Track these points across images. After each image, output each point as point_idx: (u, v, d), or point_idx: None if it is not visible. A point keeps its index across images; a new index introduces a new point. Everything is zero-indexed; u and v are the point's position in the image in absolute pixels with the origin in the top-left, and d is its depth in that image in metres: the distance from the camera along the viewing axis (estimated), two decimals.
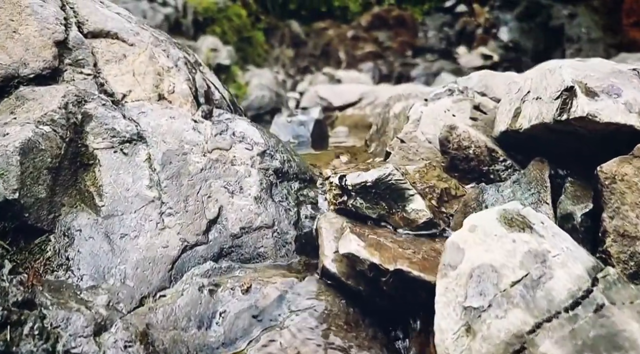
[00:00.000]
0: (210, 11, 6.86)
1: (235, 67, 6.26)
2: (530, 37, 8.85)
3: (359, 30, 8.36)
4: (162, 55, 1.42)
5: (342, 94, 6.07)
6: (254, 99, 6.04)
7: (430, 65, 8.00)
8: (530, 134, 1.24)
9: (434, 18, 9.14)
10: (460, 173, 1.40)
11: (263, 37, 7.93)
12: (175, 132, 1.27)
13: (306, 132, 2.18)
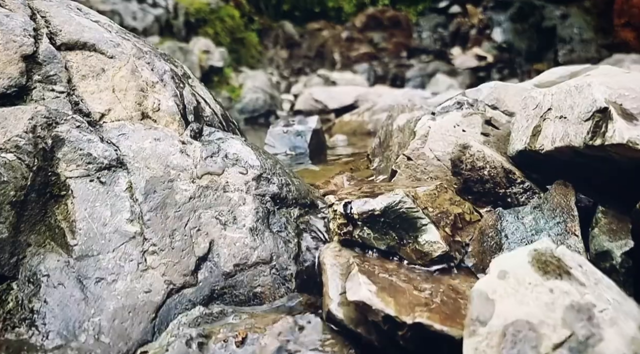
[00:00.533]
0: (203, 12, 6.69)
1: (229, 69, 6.10)
2: (523, 38, 8.76)
3: (354, 31, 8.22)
4: (146, 69, 1.27)
5: (338, 97, 5.93)
6: (247, 102, 5.89)
7: (425, 66, 7.88)
8: (552, 155, 1.11)
9: (428, 19, 9.02)
10: (474, 196, 1.27)
11: (257, 38, 7.77)
12: (161, 157, 1.12)
13: (303, 143, 2.03)
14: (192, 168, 1.13)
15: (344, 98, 5.83)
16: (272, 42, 7.98)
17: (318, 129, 2.10)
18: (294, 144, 2.01)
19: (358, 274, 0.95)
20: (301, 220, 1.20)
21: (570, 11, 8.74)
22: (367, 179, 1.60)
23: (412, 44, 8.42)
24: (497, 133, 1.43)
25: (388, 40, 8.20)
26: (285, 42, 8.04)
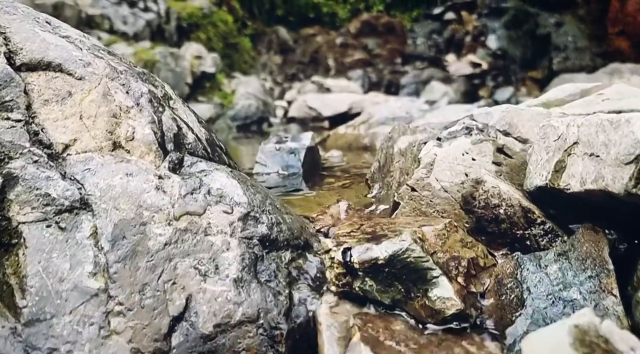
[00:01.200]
0: (195, 17, 6.53)
1: (221, 75, 5.94)
2: (517, 45, 8.69)
3: (348, 37, 8.09)
4: (120, 91, 1.11)
5: (332, 104, 5.79)
6: (240, 109, 5.73)
7: (420, 73, 7.77)
8: (581, 197, 0.97)
9: (422, 25, 8.92)
10: (488, 236, 1.13)
11: (250, 44, 7.61)
12: (133, 195, 0.96)
13: (297, 161, 1.87)
14: (168, 208, 0.98)
15: (338, 105, 5.69)
16: (266, 48, 7.82)
17: (312, 146, 1.95)
18: (286, 162, 1.85)
19: (360, 344, 0.80)
20: (294, 265, 1.05)
21: (565, 19, 8.69)
22: (366, 210, 1.45)
23: (406, 51, 8.31)
24: (510, 162, 1.29)
25: (382, 46, 8.08)
26: (279, 48, 7.89)
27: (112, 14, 5.46)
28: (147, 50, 5.32)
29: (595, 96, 1.87)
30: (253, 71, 7.43)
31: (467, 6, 9.09)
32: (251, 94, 5.98)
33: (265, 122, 5.86)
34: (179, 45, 6.18)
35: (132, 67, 1.25)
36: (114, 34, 5.34)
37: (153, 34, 5.88)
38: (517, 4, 9.08)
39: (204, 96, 5.69)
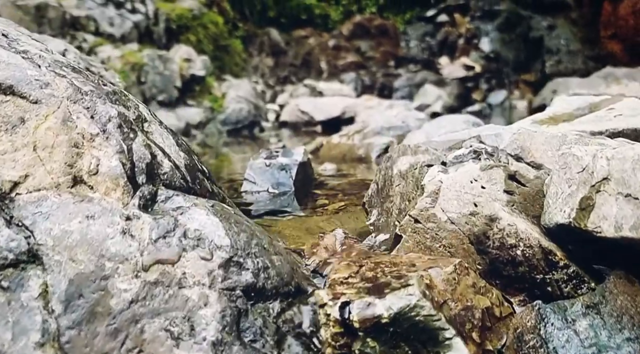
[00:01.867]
0: (185, 18, 6.34)
1: (211, 78, 5.77)
2: (510, 48, 8.61)
3: (341, 39, 7.95)
4: (84, 116, 0.96)
5: (324, 108, 5.64)
6: (231, 113, 5.57)
7: (413, 76, 7.66)
8: (615, 242, 0.84)
9: (415, 27, 8.81)
10: (503, 280, 0.99)
11: (241, 46, 7.44)
12: (93, 243, 0.81)
13: (288, 179, 1.73)
14: (136, 256, 0.83)
15: (331, 110, 5.55)
16: (257, 50, 7.66)
17: (305, 161, 1.80)
18: (277, 180, 1.71)
19: None
20: (283, 318, 0.90)
21: (557, 22, 8.62)
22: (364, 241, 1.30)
23: (399, 53, 8.19)
24: (523, 191, 1.16)
25: (375, 49, 7.95)
26: (271, 50, 7.73)
27: (98, 15, 5.27)
28: (134, 53, 5.14)
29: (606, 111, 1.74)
30: (244, 74, 7.26)
31: (460, 9, 9.00)
32: (242, 97, 5.82)
33: (257, 126, 5.70)
34: (168, 47, 6.00)
35: (100, 85, 1.10)
36: (100, 36, 5.15)
37: (141, 35, 5.69)
38: (509, 7, 9.00)
39: (193, 100, 5.52)
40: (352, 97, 6.27)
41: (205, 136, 5.13)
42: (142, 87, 5.00)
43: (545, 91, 5.65)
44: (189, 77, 5.58)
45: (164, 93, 5.18)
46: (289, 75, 7.49)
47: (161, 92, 5.15)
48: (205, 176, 1.28)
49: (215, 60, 6.68)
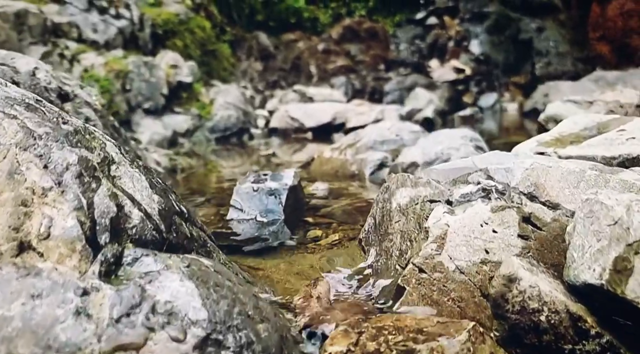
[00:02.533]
0: (171, 23, 6.15)
1: (198, 85, 5.60)
2: (500, 50, 8.54)
3: (330, 42, 7.81)
4: (35, 166, 0.81)
5: (315, 114, 5.50)
6: (219, 120, 5.40)
7: (404, 79, 7.55)
8: None
9: (405, 30, 8.70)
10: (525, 350, 0.86)
11: (229, 50, 7.27)
12: (39, 330, 0.67)
13: (278, 205, 1.58)
14: (92, 343, 0.68)
15: (321, 116, 5.42)
16: (246, 54, 7.49)
17: (295, 185, 1.66)
18: (266, 206, 1.56)
19: None
20: None
21: (546, 24, 8.57)
22: (362, 290, 1.17)
23: (389, 56, 8.07)
24: (540, 236, 1.03)
25: (365, 52, 7.83)
26: (260, 54, 7.56)
27: (81, 21, 5.07)
28: (119, 60, 4.95)
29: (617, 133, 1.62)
30: (233, 79, 7.09)
31: (450, 11, 8.91)
32: (230, 103, 5.66)
33: (246, 133, 5.55)
34: (154, 53, 5.81)
35: (59, 124, 0.94)
36: (83, 43, 4.95)
37: (126, 42, 5.49)
38: (498, 9, 8.93)
39: (180, 107, 5.34)
40: (343, 102, 6.15)
41: (193, 144, 4.96)
42: (127, 95, 4.81)
43: (536, 95, 5.56)
44: (175, 84, 5.40)
45: (150, 101, 5.00)
46: (278, 80, 7.34)
47: (147, 100, 4.97)
48: (184, 218, 1.13)
49: (203, 65, 6.50)
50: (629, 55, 7.70)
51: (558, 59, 8.19)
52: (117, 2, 5.51)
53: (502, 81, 8.26)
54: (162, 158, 2.61)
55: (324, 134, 5.24)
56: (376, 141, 2.38)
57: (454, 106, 7.31)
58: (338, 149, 2.46)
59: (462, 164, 1.17)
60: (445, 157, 1.91)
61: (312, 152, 4.39)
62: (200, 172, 3.78)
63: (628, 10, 7.74)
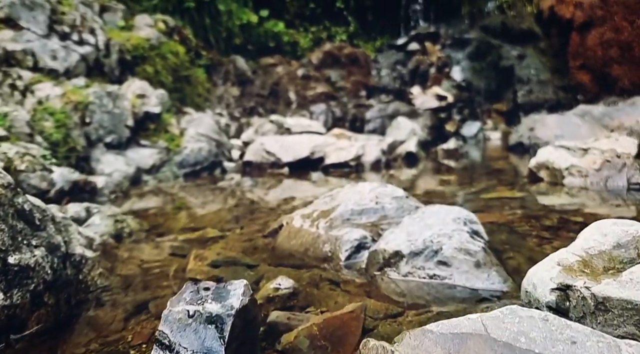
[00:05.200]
0: (141, 49, 5.75)
1: (167, 115, 5.18)
2: (482, 77, 8.36)
3: (310, 68, 7.50)
4: None
5: (292, 147, 5.13)
6: (189, 153, 4.99)
7: (385, 106, 7.26)
8: None
9: (386, 55, 8.47)
10: None
11: (204, 75, 6.88)
12: None
13: (218, 341, 1.14)
14: None
15: (298, 150, 5.05)
16: (222, 79, 7.11)
17: (246, 305, 1.24)
18: (202, 342, 1.12)
19: None
20: None
21: (527, 51, 8.45)
22: None
23: (371, 82, 7.80)
24: None
25: (346, 78, 7.53)
26: (237, 79, 7.19)
27: (39, 48, 4.63)
28: (78, 90, 4.51)
29: None
30: (208, 105, 6.70)
31: (431, 37, 8.73)
32: (203, 134, 5.25)
33: (218, 167, 5.14)
34: (121, 80, 5.39)
35: None
36: (39, 72, 4.51)
37: (89, 69, 5.07)
38: (479, 35, 8.79)
39: (147, 139, 4.92)
40: (322, 133, 5.80)
41: (158, 182, 4.53)
42: (87, 129, 4.37)
43: (522, 128, 5.31)
44: (142, 115, 4.98)
45: (113, 134, 4.56)
46: (255, 106, 6.97)
47: (109, 133, 4.53)
48: None
49: (175, 92, 6.10)
50: (609, 84, 7.58)
51: (539, 86, 8.04)
52: (81, 27, 5.09)
53: (484, 108, 8.06)
54: (106, 227, 2.19)
55: (301, 169, 4.88)
56: (354, 211, 2.01)
57: (437, 135, 7.05)
58: (310, 218, 2.08)
59: (469, 328, 0.80)
60: (435, 246, 1.54)
61: (288, 189, 4.00)
62: (167, 211, 3.33)
63: (607, 40, 7.65)
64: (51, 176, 3.23)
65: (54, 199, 3.16)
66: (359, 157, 4.76)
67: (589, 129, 4.90)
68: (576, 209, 2.33)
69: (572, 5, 7.95)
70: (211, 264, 1.85)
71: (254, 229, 2.40)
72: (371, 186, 2.24)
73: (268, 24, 7.81)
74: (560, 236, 1.93)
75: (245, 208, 3.05)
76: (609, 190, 2.79)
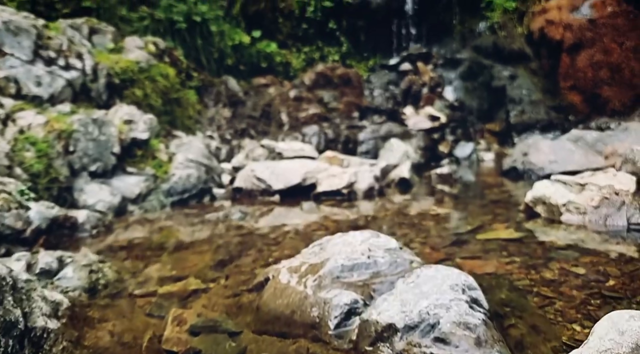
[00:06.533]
0: (130, 72, 5.62)
1: (155, 141, 5.03)
2: (474, 97, 8.32)
3: (302, 89, 7.41)
4: None
5: (283, 174, 4.99)
6: (177, 181, 4.83)
7: (378, 128, 7.17)
8: None
9: (379, 75, 8.41)
10: None
11: (195, 97, 6.76)
12: None
13: None
14: None
15: (289, 176, 4.91)
16: (214, 100, 6.99)
17: None
18: None
19: None
20: None
21: (518, 72, 8.43)
22: None
23: (363, 103, 7.71)
24: None
25: (339, 99, 7.44)
26: (228, 100, 7.08)
27: (22, 74, 4.49)
28: (63, 117, 4.36)
29: None
30: (198, 127, 6.56)
31: (423, 57, 8.70)
32: (192, 160, 5.11)
33: (207, 194, 4.99)
34: (109, 105, 5.25)
35: None
36: (22, 99, 4.36)
37: (76, 94, 4.92)
38: (471, 55, 8.78)
39: (134, 166, 4.76)
40: (315, 156, 5.67)
41: (144, 211, 4.37)
42: (71, 158, 4.21)
43: (515, 152, 5.22)
44: (129, 141, 4.83)
45: (98, 162, 4.41)
46: (247, 128, 6.85)
47: (94, 161, 4.38)
48: None
49: (165, 115, 5.97)
50: (600, 105, 7.56)
51: (532, 107, 8.00)
52: (68, 51, 4.95)
53: (477, 128, 8.00)
54: (79, 280, 2.03)
55: (292, 197, 4.74)
56: (344, 267, 1.87)
57: (430, 157, 6.96)
58: (297, 273, 1.94)
59: None
60: (432, 319, 1.41)
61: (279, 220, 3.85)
62: (154, 240, 3.16)
63: (597, 62, 7.66)
64: (28, 213, 3.06)
65: (30, 239, 2.99)
66: (351, 184, 4.63)
67: (583, 155, 4.81)
68: (576, 258, 2.21)
69: (561, 27, 7.96)
70: (190, 330, 1.70)
71: (239, 279, 2.25)
72: (362, 237, 2.11)
73: (260, 45, 7.73)
74: (563, 295, 1.80)
75: (232, 247, 2.89)
76: (609, 230, 2.67)
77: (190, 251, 2.86)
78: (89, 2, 6.45)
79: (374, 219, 3.41)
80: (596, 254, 2.24)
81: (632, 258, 2.16)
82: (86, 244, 3.23)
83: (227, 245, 2.95)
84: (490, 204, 3.71)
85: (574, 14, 8.03)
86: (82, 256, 2.28)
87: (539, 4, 8.50)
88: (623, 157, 3.60)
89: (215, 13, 7.24)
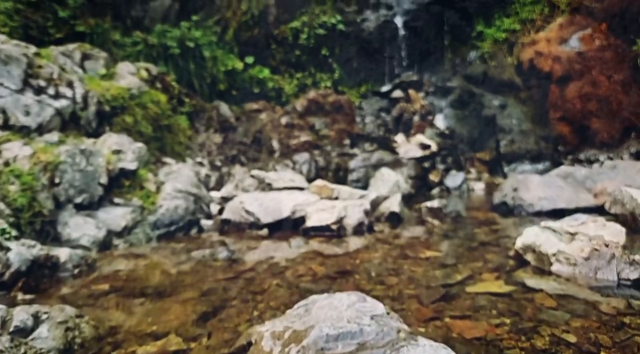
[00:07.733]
0: (121, 99, 5.56)
1: (144, 171, 4.95)
2: (465, 125, 8.37)
3: (294, 115, 7.39)
4: None
5: (272, 206, 4.92)
6: (164, 213, 4.74)
7: (369, 155, 7.16)
8: None
9: (370, 102, 8.43)
10: None
11: (186, 122, 6.71)
12: None
13: None
14: None
15: (279, 209, 4.84)
16: (205, 125, 6.95)
17: None
18: None
19: None
20: None
21: (508, 101, 8.51)
22: None
23: (355, 130, 7.71)
24: None
25: (330, 126, 7.43)
26: (220, 126, 7.03)
27: (10, 104, 4.41)
28: (50, 148, 4.27)
29: None
30: (188, 153, 6.50)
31: (414, 84, 8.76)
32: (180, 191, 5.03)
33: (195, 226, 4.90)
34: (98, 133, 5.18)
35: None
36: (8, 129, 4.27)
37: (64, 123, 4.85)
38: (462, 84, 8.86)
39: (121, 197, 4.67)
40: (305, 187, 5.62)
41: (129, 245, 4.26)
42: (56, 190, 4.12)
43: (506, 187, 5.21)
44: (117, 171, 4.75)
45: (85, 193, 4.31)
46: (237, 155, 6.79)
47: (81, 193, 4.28)
48: None
49: (155, 141, 5.90)
50: (589, 137, 7.63)
51: (521, 136, 8.05)
52: (58, 80, 4.89)
53: (467, 156, 8.02)
54: (54, 340, 1.93)
55: (281, 230, 4.67)
56: (329, 336, 1.80)
57: (420, 186, 6.94)
58: (280, 340, 1.86)
59: None
60: None
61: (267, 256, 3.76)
62: (140, 273, 3.06)
63: (586, 94, 7.75)
64: (7, 255, 2.96)
65: (9, 283, 2.88)
66: (341, 219, 4.57)
67: (572, 192, 4.81)
68: (567, 321, 2.16)
69: (550, 59, 8.08)
70: None
71: (221, 339, 2.16)
72: (349, 300, 2.04)
73: (253, 71, 7.73)
74: None
75: (217, 296, 2.81)
76: (599, 285, 2.64)
77: (173, 299, 2.77)
78: (83, 27, 6.42)
79: (362, 262, 3.34)
80: (587, 317, 2.19)
81: (624, 323, 2.11)
82: (67, 286, 3.12)
83: (212, 292, 2.86)
84: (480, 246, 3.67)
85: (562, 46, 8.16)
86: (58, 310, 2.19)
87: (529, 36, 8.63)
88: (612, 198, 3.59)
89: (208, 39, 7.24)
